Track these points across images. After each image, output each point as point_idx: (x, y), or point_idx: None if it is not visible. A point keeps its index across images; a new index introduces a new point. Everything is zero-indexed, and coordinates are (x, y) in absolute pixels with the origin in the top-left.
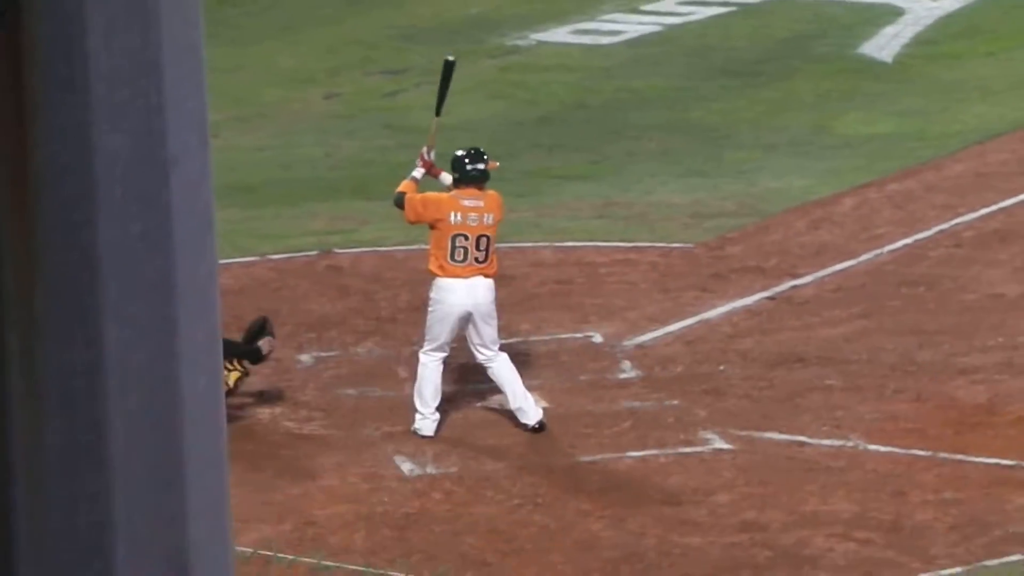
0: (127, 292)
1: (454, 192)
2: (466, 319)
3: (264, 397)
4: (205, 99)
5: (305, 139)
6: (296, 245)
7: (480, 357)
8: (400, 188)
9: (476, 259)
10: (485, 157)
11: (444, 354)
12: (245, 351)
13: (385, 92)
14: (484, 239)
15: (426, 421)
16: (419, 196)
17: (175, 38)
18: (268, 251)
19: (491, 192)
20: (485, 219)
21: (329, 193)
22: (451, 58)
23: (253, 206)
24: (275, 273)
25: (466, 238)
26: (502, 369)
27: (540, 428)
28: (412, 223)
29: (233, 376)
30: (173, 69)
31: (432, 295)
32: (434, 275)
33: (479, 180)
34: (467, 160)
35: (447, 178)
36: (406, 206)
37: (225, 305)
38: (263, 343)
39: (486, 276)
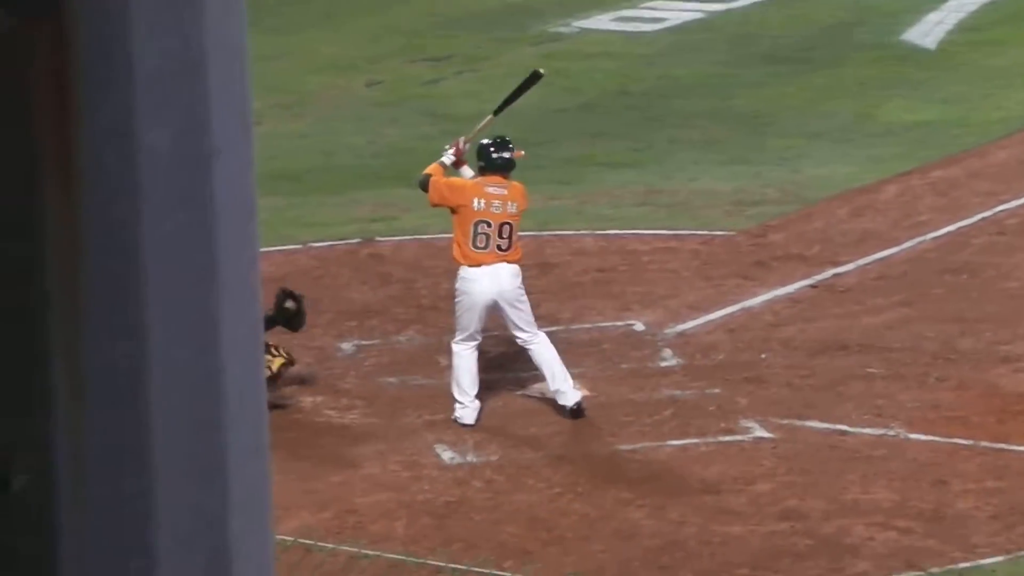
0: (170, 287)
1: (479, 179)
2: (493, 307)
3: (305, 385)
4: (249, 91)
5: (347, 127)
6: (338, 233)
7: (519, 340)
8: (427, 170)
9: (499, 246)
10: (511, 146)
11: (476, 342)
12: (277, 318)
13: (427, 80)
14: (507, 227)
15: (466, 410)
16: (444, 180)
17: (218, 31)
18: (310, 239)
19: (515, 182)
20: (508, 207)
21: (371, 181)
22: (541, 71)
23: (296, 194)
24: (317, 261)
25: (488, 225)
26: (542, 350)
27: (578, 411)
28: (435, 206)
29: (277, 362)
30: (217, 62)
31: (457, 285)
32: (458, 263)
33: (504, 168)
34: (492, 148)
35: (468, 172)
36: (431, 188)
37: (266, 293)
38: (289, 305)
39: (509, 262)
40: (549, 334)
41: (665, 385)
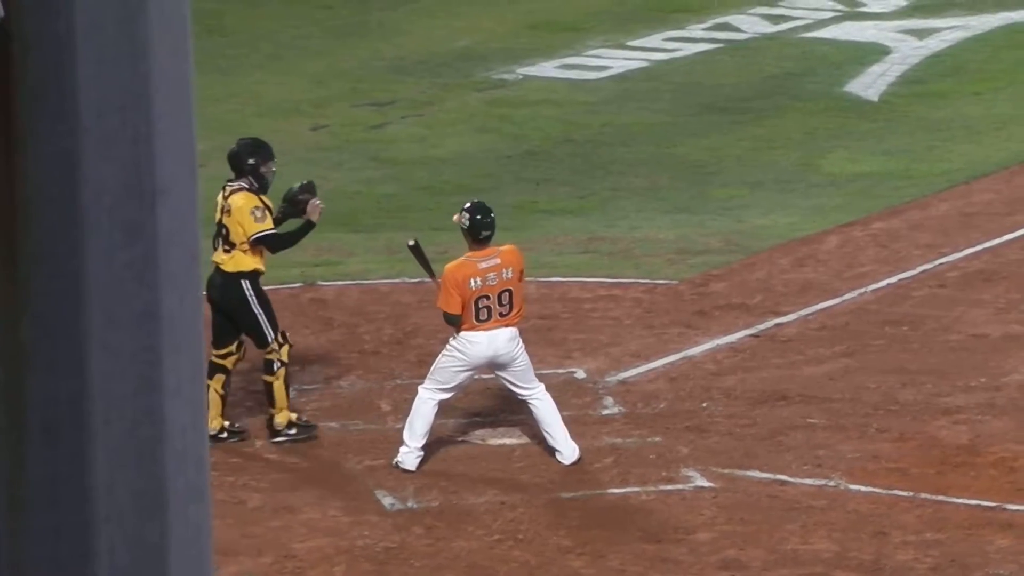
0: (112, 322)
1: (469, 257)
2: (484, 368)
3: (246, 429)
4: (193, 130)
5: (292, 170)
6: (281, 276)
7: (519, 396)
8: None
9: (500, 313)
10: (491, 215)
11: (445, 397)
12: (289, 209)
13: (372, 124)
14: (507, 293)
15: (410, 455)
16: (447, 285)
17: (164, 70)
18: None
19: (506, 246)
20: (504, 274)
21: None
22: (411, 243)
23: None
24: None
25: (488, 299)
26: (543, 407)
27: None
28: (462, 310)
29: (285, 350)
30: (162, 100)
31: (452, 341)
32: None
33: (489, 240)
34: (478, 217)
35: None
36: (442, 298)
37: (208, 336)
38: (310, 207)
39: (509, 326)
40: (491, 378)
41: (606, 433)
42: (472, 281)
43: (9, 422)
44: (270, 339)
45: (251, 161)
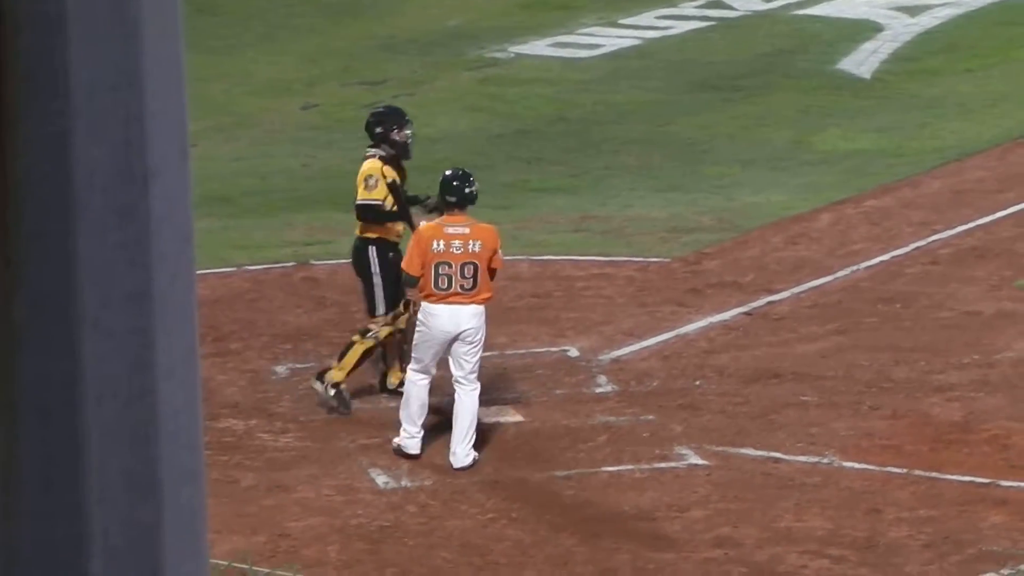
0: (105, 303)
1: (439, 219)
2: (450, 343)
3: (239, 408)
4: (185, 111)
5: (283, 149)
6: (273, 256)
7: (455, 377)
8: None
9: (462, 287)
10: (471, 179)
11: (430, 375)
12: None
13: (363, 103)
14: (470, 267)
15: (413, 440)
16: (411, 244)
17: (156, 49)
18: (245, 262)
19: (484, 224)
20: (471, 246)
21: (306, 204)
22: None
23: (230, 216)
24: (251, 284)
25: (449, 266)
26: (467, 403)
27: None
28: (419, 274)
29: (384, 332)
30: (154, 80)
31: (419, 317)
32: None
33: (460, 204)
34: (453, 182)
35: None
36: (405, 261)
37: (201, 316)
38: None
39: (474, 303)
40: (483, 359)
41: (599, 411)
42: (435, 243)
43: (1, 403)
44: (379, 312)
45: (378, 130)
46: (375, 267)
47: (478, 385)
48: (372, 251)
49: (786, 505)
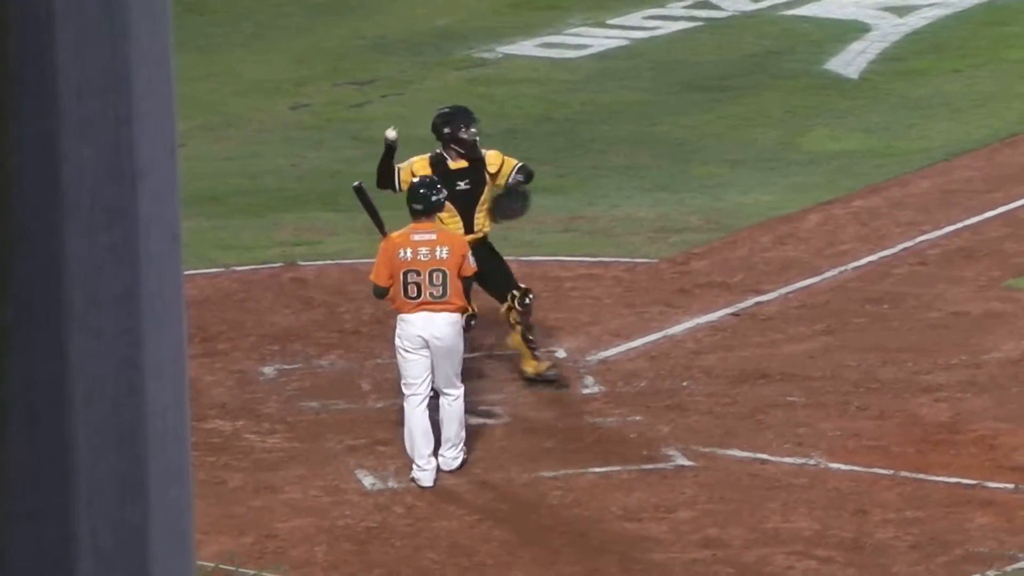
0: (93, 303)
1: (405, 228)
2: (426, 350)
3: (227, 409)
4: (174, 111)
5: (272, 149)
6: (261, 256)
7: (437, 389)
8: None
9: (431, 295)
10: (438, 187)
11: (423, 394)
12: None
13: (352, 103)
14: (439, 274)
15: (424, 473)
16: (379, 254)
17: (144, 50)
18: (233, 262)
19: (451, 231)
20: (438, 253)
21: (295, 204)
22: (356, 183)
23: (219, 216)
24: (240, 284)
25: (418, 274)
26: (453, 409)
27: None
28: (388, 285)
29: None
30: (142, 81)
31: (397, 331)
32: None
33: (426, 212)
34: (421, 190)
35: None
36: (372, 273)
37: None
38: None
39: (446, 311)
40: (470, 360)
41: (587, 412)
42: (401, 251)
43: None
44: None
45: (446, 130)
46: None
47: (462, 390)
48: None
49: (773, 506)
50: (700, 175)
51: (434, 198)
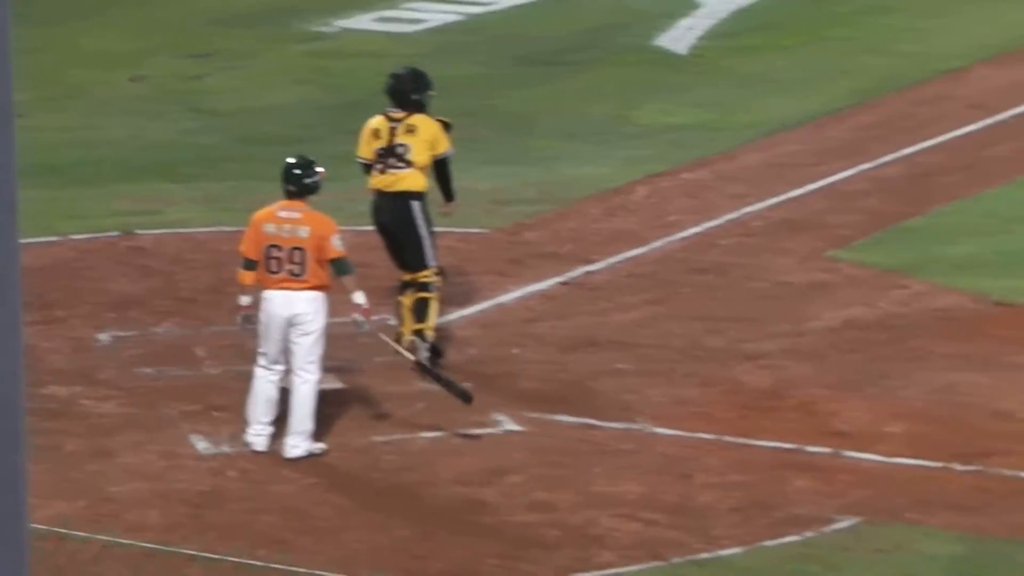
0: None
1: (275, 204)
2: (286, 329)
3: (63, 375)
4: (10, 81)
5: (111, 121)
6: (99, 226)
7: (293, 371)
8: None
9: (291, 271)
10: (315, 167)
11: (273, 367)
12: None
13: (191, 75)
14: (299, 252)
15: (257, 437)
16: (247, 230)
17: None
18: (71, 231)
19: (316, 212)
20: (299, 232)
21: (134, 175)
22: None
23: (57, 187)
24: (77, 253)
25: (279, 249)
26: (304, 393)
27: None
28: (252, 251)
29: (440, 280)
30: None
31: (260, 306)
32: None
33: (298, 194)
34: (293, 170)
35: (359, 297)
36: (242, 245)
37: (26, 284)
38: None
39: (306, 289)
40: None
41: (418, 378)
42: (266, 225)
43: None
44: (431, 264)
45: (427, 93)
46: (420, 221)
47: (316, 376)
48: (416, 205)
49: (600, 471)
50: (536, 148)
51: (307, 180)
